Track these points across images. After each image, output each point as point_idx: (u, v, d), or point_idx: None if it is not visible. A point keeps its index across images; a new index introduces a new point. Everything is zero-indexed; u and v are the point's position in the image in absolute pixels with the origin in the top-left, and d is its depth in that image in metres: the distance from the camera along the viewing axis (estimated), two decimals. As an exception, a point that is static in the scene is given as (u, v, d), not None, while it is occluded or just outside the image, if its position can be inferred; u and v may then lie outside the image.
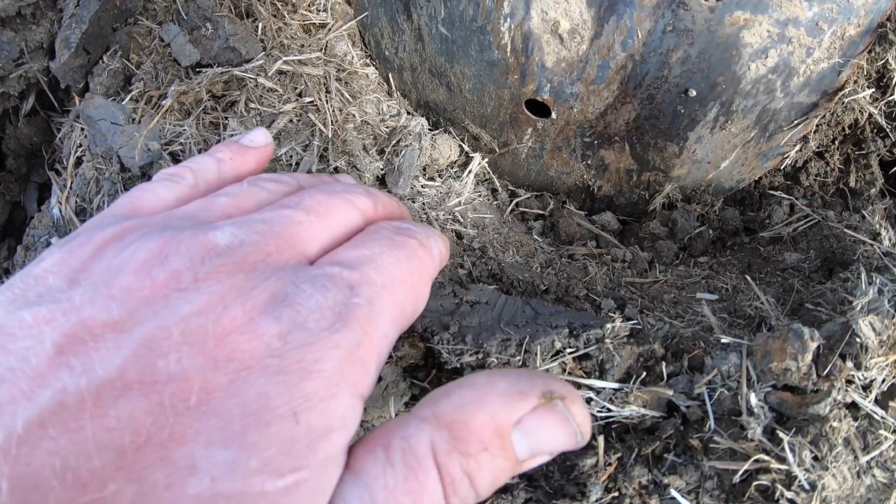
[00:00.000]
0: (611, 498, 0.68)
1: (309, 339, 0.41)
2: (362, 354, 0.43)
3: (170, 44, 1.06)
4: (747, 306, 0.85)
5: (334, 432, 0.40)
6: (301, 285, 0.43)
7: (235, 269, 0.43)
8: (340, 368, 0.41)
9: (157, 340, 0.38)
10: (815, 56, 0.90)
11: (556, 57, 0.94)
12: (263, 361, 0.39)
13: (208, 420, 0.36)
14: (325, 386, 0.40)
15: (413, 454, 0.42)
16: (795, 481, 0.61)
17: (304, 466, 0.38)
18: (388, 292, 0.46)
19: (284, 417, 0.38)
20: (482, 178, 1.17)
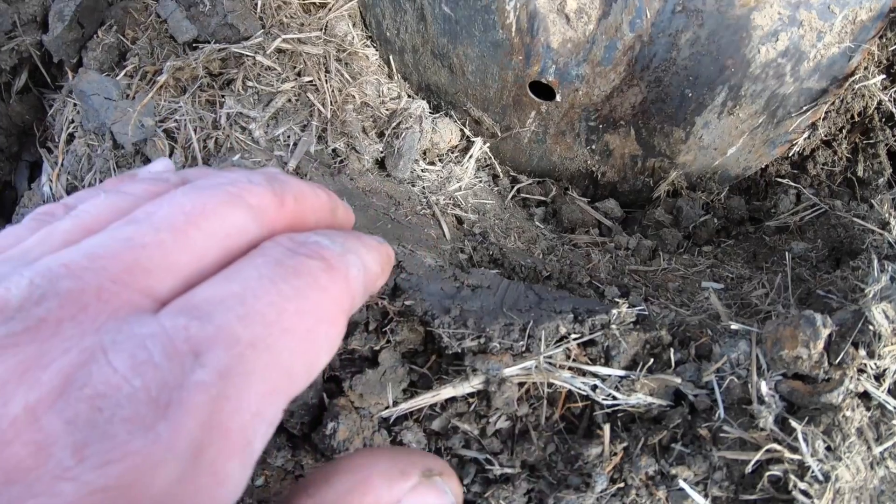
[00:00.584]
0: (616, 489, 0.66)
1: (115, 455, 0.28)
2: (209, 462, 0.30)
3: (166, 20, 1.04)
4: (753, 295, 0.83)
5: None
6: (114, 360, 0.30)
7: (27, 338, 0.30)
8: (171, 495, 0.29)
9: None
10: (825, 40, 0.88)
11: (562, 37, 0.91)
12: (54, 488, 0.27)
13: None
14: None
15: None
16: (809, 472, 0.59)
17: None
18: (258, 353, 0.32)
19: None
20: (483, 164, 1.15)
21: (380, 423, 0.75)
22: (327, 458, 0.73)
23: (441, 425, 0.74)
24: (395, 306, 0.76)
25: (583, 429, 0.72)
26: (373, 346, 0.77)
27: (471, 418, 0.73)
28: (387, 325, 0.77)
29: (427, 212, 0.95)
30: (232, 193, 0.38)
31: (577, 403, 0.71)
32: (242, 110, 0.98)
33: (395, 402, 0.74)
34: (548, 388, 0.71)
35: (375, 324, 0.78)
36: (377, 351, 0.76)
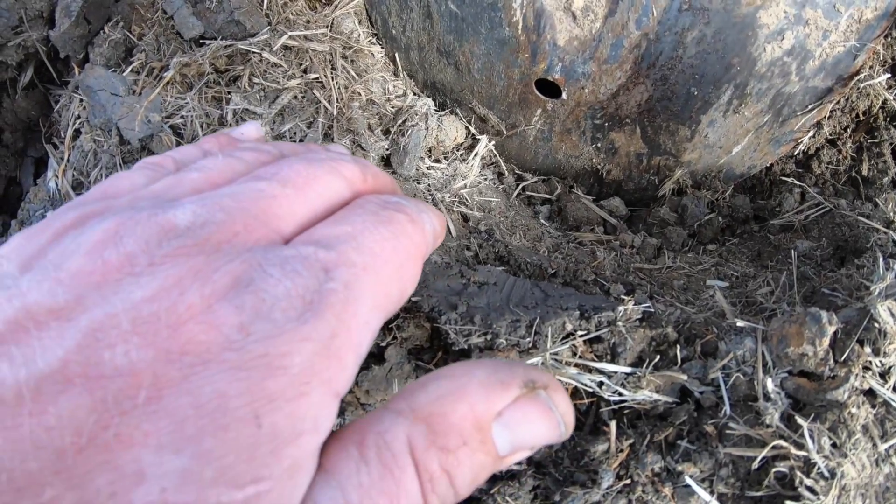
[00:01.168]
0: (622, 485, 0.66)
1: (274, 331, 0.36)
2: (337, 347, 0.37)
3: (172, 16, 1.04)
4: (758, 293, 0.83)
5: (303, 436, 0.35)
6: (269, 269, 0.38)
7: (196, 251, 0.38)
8: (311, 364, 0.36)
9: (105, 329, 0.34)
10: (831, 39, 0.89)
11: (568, 35, 0.92)
12: (221, 355, 0.34)
13: (159, 421, 0.32)
14: (293, 384, 0.35)
15: (389, 450, 0.39)
16: (815, 468, 0.59)
17: (267, 476, 0.33)
18: (369, 275, 0.40)
19: (245, 420, 0.33)
20: (488, 162, 1.15)
21: (385, 420, 0.75)
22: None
23: (447, 421, 0.74)
24: (400, 302, 0.76)
25: (589, 425, 0.72)
26: (379, 342, 0.77)
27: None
28: (393, 322, 0.77)
29: (433, 209, 0.95)
30: (332, 167, 0.47)
31: (582, 400, 0.72)
32: (249, 107, 0.98)
33: (400, 398, 0.75)
34: (554, 385, 0.71)
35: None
36: (383, 347, 0.77)
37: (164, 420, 0.32)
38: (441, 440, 0.39)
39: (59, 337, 0.33)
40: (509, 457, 0.42)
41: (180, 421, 0.32)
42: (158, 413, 0.32)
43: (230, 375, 0.34)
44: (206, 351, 0.34)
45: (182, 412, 0.33)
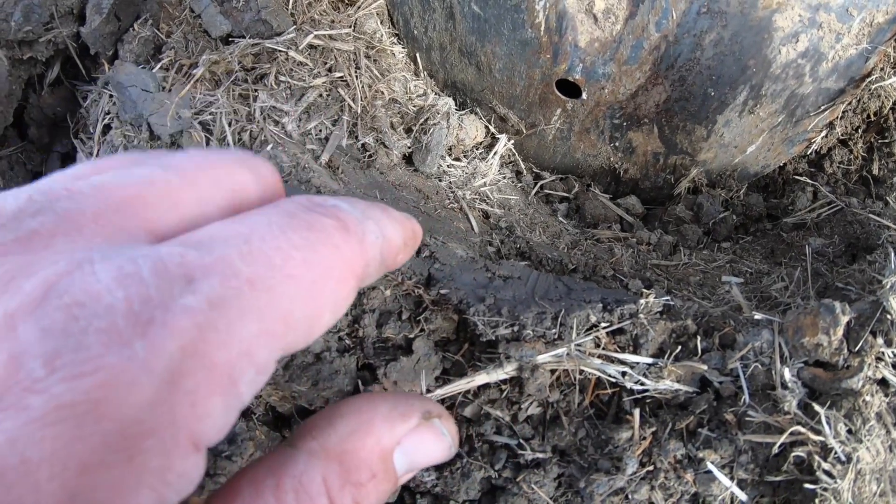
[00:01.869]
0: (645, 472, 0.68)
1: (86, 367, 0.26)
2: (188, 390, 0.28)
3: (200, 14, 1.06)
4: (773, 288, 0.85)
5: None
6: (99, 272, 0.28)
7: (19, 247, 0.30)
8: (143, 411, 0.27)
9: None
10: (843, 42, 0.91)
11: (589, 36, 0.94)
12: (23, 401, 0.26)
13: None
14: (115, 447, 0.26)
15: (307, 494, 0.36)
16: (832, 453, 0.62)
17: None
18: (257, 292, 0.30)
19: (56, 499, 0.25)
20: (507, 161, 1.17)
21: (413, 409, 0.77)
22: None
23: (473, 412, 0.76)
24: (430, 295, 0.78)
25: (612, 415, 0.74)
26: (407, 334, 0.79)
27: (503, 405, 0.75)
28: (421, 314, 0.79)
29: (455, 206, 0.98)
30: (241, 157, 0.38)
31: (605, 390, 0.74)
32: (275, 104, 1.01)
33: (429, 389, 0.77)
34: (578, 375, 0.74)
35: (409, 313, 0.80)
36: (411, 339, 0.79)
37: None
38: (353, 476, 0.38)
39: None
40: (404, 476, 0.42)
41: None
42: None
43: (33, 432, 0.25)
44: (7, 392, 0.26)
45: None
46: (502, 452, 0.75)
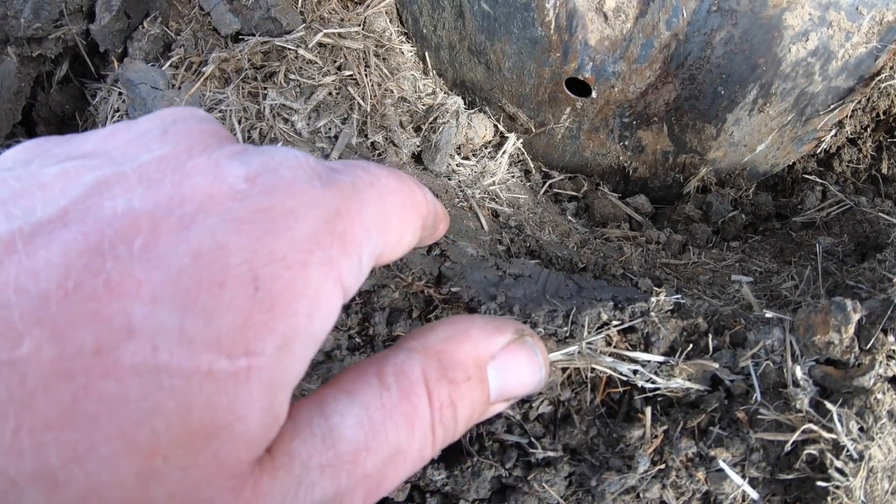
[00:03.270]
0: (657, 470, 0.68)
1: (282, 185, 0.35)
2: (343, 229, 0.36)
3: (210, 12, 1.07)
4: (783, 287, 0.85)
5: (298, 315, 0.33)
6: (278, 148, 0.38)
7: (210, 135, 0.39)
8: (316, 232, 0.35)
9: (110, 184, 0.33)
10: (853, 40, 0.91)
11: (599, 35, 0.94)
12: (225, 205, 0.33)
13: (153, 270, 0.31)
14: (295, 248, 0.34)
15: (407, 379, 0.40)
16: (844, 451, 0.62)
17: (259, 352, 0.32)
18: (375, 191, 0.40)
19: (242, 280, 0.32)
20: (515, 160, 1.17)
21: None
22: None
23: (484, 409, 0.76)
24: (440, 294, 0.78)
25: (623, 413, 0.74)
26: (419, 332, 0.79)
27: (514, 403, 0.75)
28: (431, 312, 0.80)
29: (464, 205, 0.98)
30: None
31: (616, 389, 0.74)
32: (285, 102, 1.01)
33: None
34: (590, 373, 0.74)
35: (419, 311, 0.80)
36: (422, 337, 0.79)
37: (159, 270, 0.31)
38: (450, 373, 0.42)
39: (62, 191, 0.33)
40: (495, 405, 0.45)
41: (176, 271, 0.31)
42: (153, 262, 0.31)
43: (232, 227, 0.32)
44: (209, 199, 0.33)
45: (178, 262, 0.31)
46: (513, 451, 0.75)
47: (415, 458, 0.40)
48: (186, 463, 0.30)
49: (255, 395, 0.32)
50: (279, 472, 0.34)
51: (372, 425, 0.38)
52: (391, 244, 0.42)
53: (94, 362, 0.29)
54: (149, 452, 0.29)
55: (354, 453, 0.37)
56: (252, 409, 0.32)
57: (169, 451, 0.30)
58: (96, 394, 0.29)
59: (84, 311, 0.29)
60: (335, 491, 0.36)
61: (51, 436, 0.28)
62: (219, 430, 0.31)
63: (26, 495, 0.28)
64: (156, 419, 0.29)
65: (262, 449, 0.34)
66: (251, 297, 0.32)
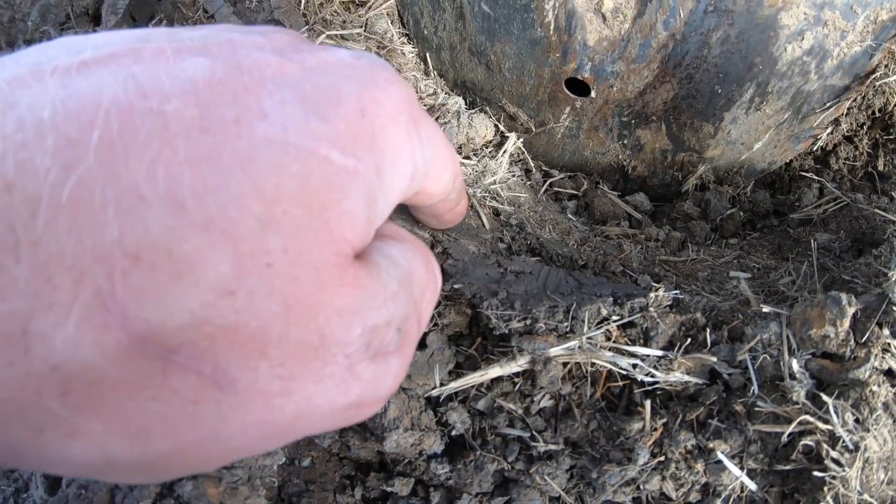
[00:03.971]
0: (657, 462, 0.70)
1: (379, 65, 0.45)
2: (417, 116, 0.46)
3: (214, 15, 1.08)
4: (780, 283, 0.86)
5: (386, 157, 0.42)
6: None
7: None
8: (407, 102, 0.44)
9: (242, 41, 0.41)
10: (848, 39, 0.92)
11: (598, 35, 0.95)
12: (339, 67, 0.42)
13: (282, 88, 0.38)
14: (391, 104, 0.43)
15: (410, 236, 0.52)
16: (839, 442, 0.63)
17: (363, 161, 0.39)
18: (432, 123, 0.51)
19: (353, 105, 0.40)
20: (516, 159, 1.18)
21: (426, 403, 0.78)
22: (377, 436, 0.77)
23: (486, 405, 0.77)
24: (443, 290, 0.79)
25: (623, 407, 0.76)
26: (420, 328, 0.80)
27: (515, 398, 0.77)
28: (434, 309, 0.81)
29: (465, 203, 0.99)
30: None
31: (616, 383, 0.75)
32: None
33: (442, 382, 0.78)
34: (590, 368, 0.75)
35: (424, 307, 0.81)
36: (425, 334, 0.80)
37: (287, 88, 0.38)
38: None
39: (203, 36, 0.40)
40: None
41: (301, 91, 0.38)
42: (281, 84, 0.38)
43: (345, 78, 0.41)
44: (324, 62, 0.42)
45: (303, 87, 0.39)
46: (515, 445, 0.76)
47: (432, 295, 0.51)
48: (302, 222, 0.36)
49: (361, 190, 0.39)
50: (374, 273, 0.41)
51: (410, 259, 0.47)
52: (437, 169, 0.51)
53: (232, 128, 0.35)
54: (272, 200, 0.35)
55: (409, 276, 0.46)
56: (358, 199, 0.39)
57: (289, 206, 0.35)
58: (231, 148, 0.35)
59: (225, 97, 0.36)
60: (406, 309, 0.44)
61: (186, 169, 0.33)
62: (332, 202, 0.37)
63: (154, 211, 0.32)
64: (282, 175, 0.35)
65: (362, 241, 0.41)
66: (359, 119, 0.40)
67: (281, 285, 0.35)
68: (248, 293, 0.34)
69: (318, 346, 0.37)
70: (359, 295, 0.39)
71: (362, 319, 0.39)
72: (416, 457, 0.78)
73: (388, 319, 0.42)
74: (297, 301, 0.36)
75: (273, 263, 0.35)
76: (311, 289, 0.36)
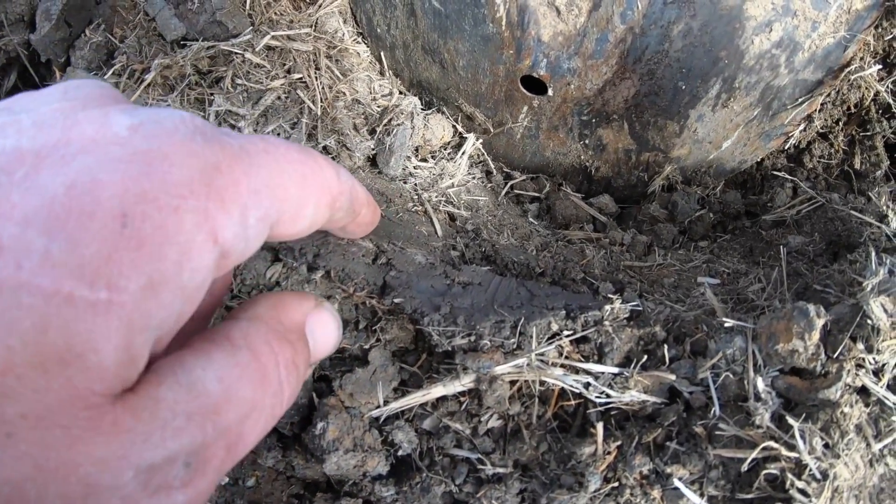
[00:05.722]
0: (610, 488, 0.65)
1: (162, 134, 0.37)
2: (224, 184, 0.39)
3: (154, 18, 1.03)
4: (749, 290, 0.81)
5: (167, 261, 0.35)
6: (172, 110, 0.41)
7: (107, 97, 0.42)
8: (191, 180, 0.37)
9: (4, 127, 0.37)
10: (820, 30, 0.87)
11: (552, 30, 0.90)
12: (106, 148, 0.36)
13: (30, 197, 0.33)
14: (168, 192, 0.36)
15: (254, 342, 0.43)
16: (806, 470, 0.58)
17: (122, 288, 0.34)
18: (270, 158, 0.43)
19: (111, 213, 0.34)
20: (476, 160, 1.14)
21: (370, 423, 0.74)
22: (317, 458, 0.73)
23: (432, 424, 0.73)
24: (383, 304, 0.75)
25: (576, 427, 0.71)
26: (362, 344, 0.76)
27: (462, 417, 0.72)
28: (377, 324, 0.76)
29: (419, 209, 0.94)
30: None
31: (570, 402, 0.70)
32: (231, 108, 0.97)
33: (386, 401, 0.74)
34: (540, 387, 0.70)
35: (365, 322, 0.77)
36: (367, 350, 0.76)
37: (35, 196, 0.33)
38: (287, 335, 0.46)
39: None
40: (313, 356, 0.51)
41: (50, 199, 0.33)
42: (31, 190, 0.33)
43: (109, 165, 0.35)
44: (93, 143, 0.36)
45: (54, 191, 0.33)
46: (463, 466, 0.72)
47: (268, 415, 0.43)
48: (40, 385, 0.32)
49: (113, 329, 0.33)
50: (143, 414, 0.35)
51: (230, 381, 0.40)
52: (289, 212, 0.45)
53: None
54: (2, 369, 0.31)
55: (217, 405, 0.39)
56: (108, 343, 0.33)
57: (23, 371, 0.31)
58: None
59: None
60: (202, 440, 0.38)
61: None
62: (74, 356, 0.32)
63: None
64: (11, 336, 0.31)
65: (117, 386, 0.34)
66: (118, 231, 0.34)
67: (27, 449, 0.32)
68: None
69: (85, 495, 0.33)
70: (123, 439, 0.34)
71: (132, 463, 0.35)
72: (361, 478, 0.75)
73: (169, 456, 0.36)
74: (48, 461, 0.32)
75: (13, 433, 0.31)
76: (63, 446, 0.33)
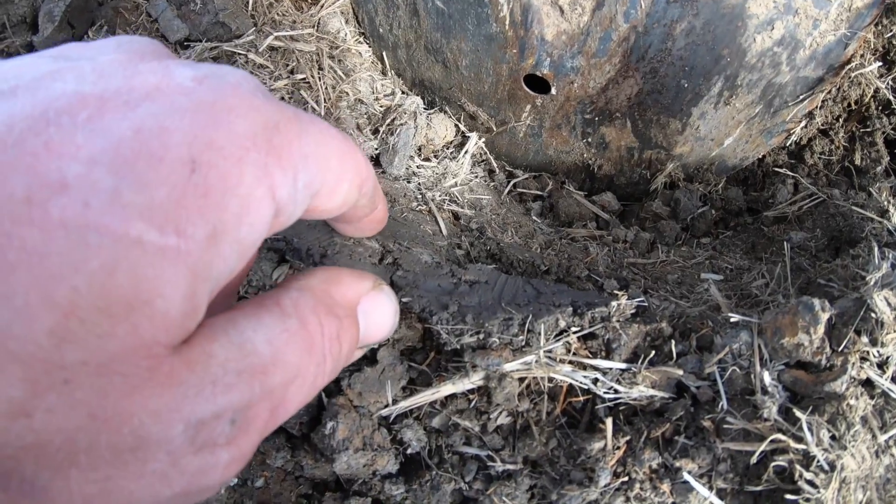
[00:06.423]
0: (620, 483, 0.65)
1: (226, 88, 0.37)
2: (281, 143, 0.39)
3: (157, 19, 1.03)
4: (753, 286, 0.82)
5: (229, 210, 0.35)
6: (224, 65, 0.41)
7: (161, 49, 0.42)
8: (254, 133, 0.37)
9: (64, 72, 0.36)
10: (821, 28, 0.88)
11: (556, 29, 0.91)
12: (172, 97, 0.35)
13: (95, 138, 0.32)
14: (233, 141, 0.36)
15: (303, 311, 0.43)
16: (814, 462, 0.58)
17: (189, 234, 0.33)
18: (318, 128, 0.43)
19: (180, 158, 0.33)
20: (479, 159, 1.14)
21: (379, 422, 0.75)
22: (327, 457, 0.73)
23: (441, 422, 0.73)
24: (392, 303, 0.75)
25: (585, 423, 0.71)
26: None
27: (471, 415, 0.72)
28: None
29: (423, 208, 0.94)
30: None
31: (578, 398, 0.71)
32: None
33: (395, 399, 0.74)
34: (548, 383, 0.71)
35: (374, 322, 0.77)
36: (375, 349, 0.76)
37: (101, 138, 0.32)
38: (336, 309, 0.46)
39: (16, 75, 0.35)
40: (363, 340, 0.50)
41: (117, 141, 0.32)
42: (96, 132, 0.32)
43: (176, 114, 0.34)
44: (156, 90, 0.36)
45: (120, 133, 0.33)
46: (472, 464, 0.72)
47: (310, 384, 0.43)
48: (104, 331, 0.30)
49: (181, 276, 0.33)
50: (197, 367, 0.35)
51: (278, 345, 0.40)
52: (328, 185, 0.44)
53: (21, 211, 0.29)
54: (66, 310, 0.29)
55: (265, 366, 0.39)
56: (176, 291, 0.33)
57: (87, 314, 0.30)
58: (18, 242, 0.29)
59: (20, 162, 0.30)
60: (248, 398, 0.38)
61: None
62: (141, 302, 0.31)
63: None
64: (78, 276, 0.30)
65: (179, 337, 0.34)
66: (187, 177, 0.33)
67: (83, 397, 0.31)
68: (47, 411, 0.30)
69: (135, 447, 0.33)
70: (176, 392, 0.34)
71: (183, 416, 0.34)
72: (370, 477, 0.75)
73: (217, 412, 0.36)
74: (103, 410, 0.31)
75: (71, 380, 0.30)
76: (119, 395, 0.32)
